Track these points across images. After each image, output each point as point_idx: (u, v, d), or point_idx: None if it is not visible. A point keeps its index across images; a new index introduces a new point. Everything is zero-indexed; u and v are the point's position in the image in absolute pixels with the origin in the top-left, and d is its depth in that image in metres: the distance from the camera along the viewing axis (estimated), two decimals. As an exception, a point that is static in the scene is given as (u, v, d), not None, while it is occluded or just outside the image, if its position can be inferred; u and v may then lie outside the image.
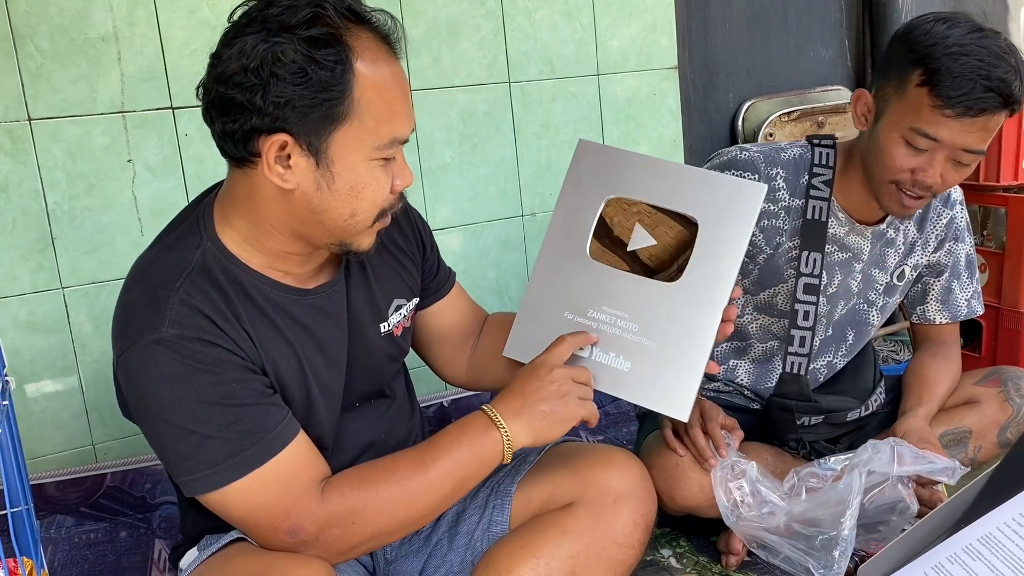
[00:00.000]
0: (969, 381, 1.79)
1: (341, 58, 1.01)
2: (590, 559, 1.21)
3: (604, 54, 2.30)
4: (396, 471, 1.10)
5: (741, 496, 1.51)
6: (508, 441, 1.13)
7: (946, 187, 1.53)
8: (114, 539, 1.78)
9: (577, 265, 1.21)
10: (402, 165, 1.11)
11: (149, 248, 1.16)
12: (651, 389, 1.19)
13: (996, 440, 1.71)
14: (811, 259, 1.65)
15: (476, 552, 1.29)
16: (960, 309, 1.81)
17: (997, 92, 1.41)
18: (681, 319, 1.17)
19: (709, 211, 1.17)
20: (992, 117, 1.44)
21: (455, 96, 2.11)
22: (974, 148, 1.47)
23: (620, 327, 1.19)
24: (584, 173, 1.22)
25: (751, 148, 1.67)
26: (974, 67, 1.41)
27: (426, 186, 2.10)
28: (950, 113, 1.43)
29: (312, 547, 1.08)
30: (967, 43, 1.44)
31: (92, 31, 1.72)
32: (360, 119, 1.03)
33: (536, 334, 1.22)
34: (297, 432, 1.10)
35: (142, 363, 1.04)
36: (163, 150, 1.80)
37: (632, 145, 2.37)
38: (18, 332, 1.72)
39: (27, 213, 1.70)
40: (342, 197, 1.06)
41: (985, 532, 1.33)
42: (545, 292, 1.23)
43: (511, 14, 2.15)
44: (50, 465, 1.78)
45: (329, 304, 1.20)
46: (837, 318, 1.75)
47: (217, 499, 1.06)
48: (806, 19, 2.71)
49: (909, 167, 1.50)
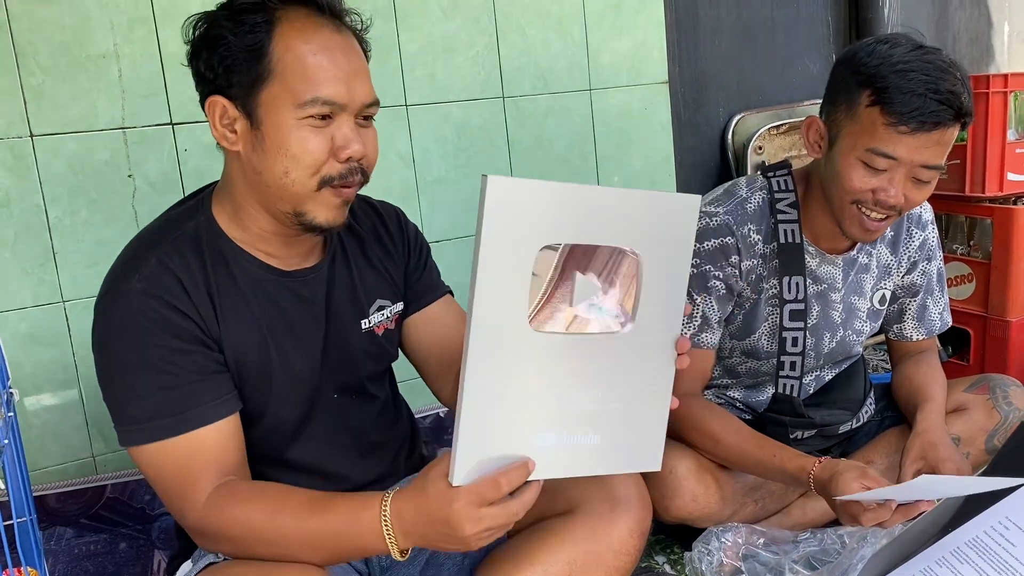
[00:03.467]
0: (958, 388, 1.81)
1: (261, 23, 1.10)
2: (587, 566, 1.23)
3: (596, 69, 2.33)
4: (282, 509, 1.08)
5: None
6: (394, 547, 1.05)
7: (910, 206, 1.53)
8: (114, 550, 1.78)
9: (519, 343, 0.96)
10: (348, 133, 1.13)
11: (153, 220, 1.26)
12: (623, 453, 1.07)
13: (984, 447, 1.73)
14: (793, 283, 1.65)
15: (473, 559, 1.31)
16: (935, 324, 1.84)
17: (948, 104, 1.42)
18: (641, 367, 1.05)
19: (647, 237, 1.01)
20: (947, 130, 1.45)
21: (450, 110, 2.14)
22: (932, 163, 1.47)
23: (583, 399, 1.02)
24: (503, 223, 0.90)
25: (719, 211, 1.64)
26: (922, 81, 1.42)
27: (422, 199, 2.12)
28: (904, 129, 1.43)
29: (197, 536, 1.14)
30: (911, 59, 1.45)
31: (93, 48, 1.74)
32: (282, 78, 1.10)
33: (486, 450, 0.98)
34: (223, 416, 1.14)
35: (106, 308, 1.13)
36: (163, 165, 1.82)
37: (625, 159, 2.40)
38: (19, 345, 1.73)
39: (29, 227, 1.72)
40: (272, 155, 1.12)
41: (973, 536, 1.36)
42: (487, 392, 0.96)
43: (504, 30, 2.18)
44: (51, 477, 1.79)
45: (306, 289, 1.25)
46: (827, 351, 1.75)
47: (134, 455, 1.13)
48: (794, 34, 2.75)
49: (869, 187, 1.49)
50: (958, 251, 2.66)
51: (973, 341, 2.56)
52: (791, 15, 2.73)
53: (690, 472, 1.63)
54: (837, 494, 1.41)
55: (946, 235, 2.78)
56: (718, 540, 1.60)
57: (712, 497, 1.65)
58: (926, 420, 1.65)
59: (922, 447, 1.60)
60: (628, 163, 2.42)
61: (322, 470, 1.28)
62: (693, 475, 1.64)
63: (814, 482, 1.49)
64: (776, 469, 1.56)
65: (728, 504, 1.68)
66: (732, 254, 1.63)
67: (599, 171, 2.38)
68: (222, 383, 1.16)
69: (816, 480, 1.48)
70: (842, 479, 1.42)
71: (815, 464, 1.50)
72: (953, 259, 2.64)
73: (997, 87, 2.46)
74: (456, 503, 0.97)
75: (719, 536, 1.60)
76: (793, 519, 1.77)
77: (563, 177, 2.33)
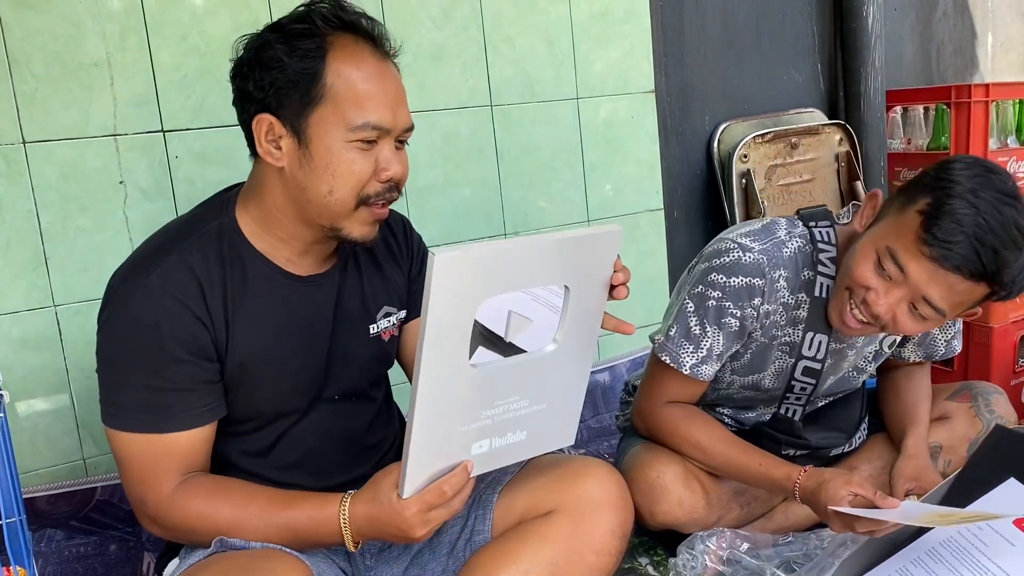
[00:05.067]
0: (941, 396, 1.81)
1: (315, 48, 1.15)
2: (569, 566, 1.24)
3: (583, 78, 2.36)
4: (248, 504, 1.17)
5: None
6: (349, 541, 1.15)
7: (896, 329, 1.44)
8: (104, 552, 1.80)
9: (461, 381, 1.06)
10: (389, 156, 1.20)
11: (180, 216, 1.30)
12: (545, 440, 1.20)
13: (966, 455, 1.72)
14: (816, 341, 1.59)
15: (458, 561, 1.33)
16: (937, 350, 1.78)
17: (980, 259, 1.31)
18: (564, 374, 1.16)
19: (575, 272, 1.10)
20: (964, 281, 1.34)
21: (439, 118, 2.17)
22: (935, 302, 1.38)
23: (513, 409, 1.12)
24: (446, 291, 0.99)
25: (754, 248, 1.56)
26: (974, 223, 1.31)
27: (411, 206, 2.15)
28: (927, 252, 1.34)
29: (149, 523, 1.20)
30: (986, 199, 1.33)
31: (85, 57, 1.76)
32: (334, 102, 1.15)
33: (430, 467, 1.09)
34: (200, 425, 1.19)
35: (119, 295, 1.17)
36: (154, 172, 1.84)
37: (611, 167, 2.43)
38: (11, 349, 1.75)
39: (21, 233, 1.74)
40: (320, 174, 1.17)
41: (947, 536, 1.38)
42: (434, 421, 1.06)
43: (493, 40, 2.21)
44: (41, 479, 1.80)
45: (318, 293, 1.29)
46: (825, 388, 1.74)
47: (109, 434, 1.19)
48: (779, 43, 2.78)
49: (866, 284, 1.42)
50: (941, 258, 2.69)
51: (956, 347, 2.58)
52: (776, 25, 2.76)
53: (677, 477, 1.64)
54: (827, 503, 1.41)
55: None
56: (702, 544, 1.61)
57: (699, 502, 1.65)
58: (917, 447, 1.67)
59: (915, 471, 1.62)
60: (615, 171, 2.44)
61: (309, 468, 1.31)
62: (679, 480, 1.64)
63: (800, 491, 1.50)
64: (762, 477, 1.57)
65: (714, 509, 1.68)
66: (756, 296, 1.55)
67: (586, 179, 2.40)
68: (209, 393, 1.20)
69: (802, 489, 1.49)
70: (830, 487, 1.42)
71: (800, 473, 1.51)
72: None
73: (979, 96, 2.49)
74: (407, 512, 1.08)
75: (703, 540, 1.62)
76: (776, 523, 1.78)
77: (551, 185, 2.36)
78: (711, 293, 1.56)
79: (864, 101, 2.75)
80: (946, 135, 2.60)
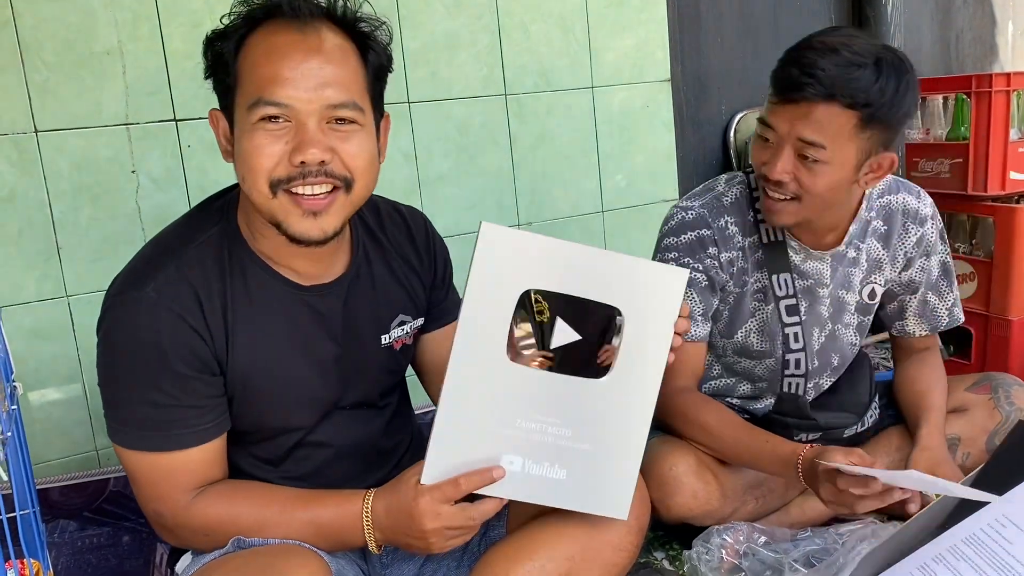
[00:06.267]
0: (960, 387, 1.80)
1: (238, 35, 1.11)
2: (585, 562, 1.22)
3: (598, 67, 2.34)
4: (268, 505, 1.15)
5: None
6: (372, 542, 1.14)
7: (805, 190, 1.49)
8: (116, 543, 1.80)
9: (496, 370, 1.05)
10: (303, 136, 1.09)
11: (179, 218, 1.24)
12: (590, 494, 1.13)
13: (985, 447, 1.72)
14: (782, 280, 1.65)
15: (473, 556, 1.31)
16: (940, 320, 1.80)
17: (811, 77, 1.40)
18: (614, 418, 1.10)
19: (631, 300, 1.07)
20: (816, 106, 1.41)
21: (452, 108, 2.15)
22: (807, 138, 1.44)
23: (552, 434, 1.08)
24: (492, 263, 1.01)
25: (695, 205, 1.66)
26: (800, 56, 1.43)
27: (424, 196, 2.13)
28: (775, 99, 1.46)
29: (167, 534, 1.17)
30: (814, 36, 1.45)
31: (97, 45, 1.75)
32: (241, 84, 1.11)
33: (457, 457, 1.08)
34: (205, 442, 1.15)
35: (115, 308, 1.12)
36: (166, 161, 1.83)
37: (627, 156, 2.41)
38: (24, 340, 1.74)
39: (33, 223, 1.73)
40: (238, 160, 1.13)
41: (969, 533, 1.36)
42: (462, 405, 1.06)
43: (507, 28, 2.19)
44: (54, 471, 1.80)
45: (322, 304, 1.24)
46: (818, 348, 1.74)
47: (116, 450, 1.15)
48: (797, 32, 2.71)
49: (761, 160, 1.51)
50: (960, 250, 2.66)
51: (975, 340, 2.56)
52: (794, 13, 2.74)
53: (690, 470, 1.63)
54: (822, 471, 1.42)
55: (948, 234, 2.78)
56: (719, 538, 1.60)
57: (713, 494, 1.64)
58: (931, 437, 1.66)
59: (929, 463, 1.61)
60: (630, 161, 2.42)
61: (323, 477, 1.28)
62: (693, 473, 1.63)
63: (802, 462, 1.49)
64: (768, 455, 1.56)
65: (729, 501, 1.67)
66: (710, 246, 1.63)
67: (600, 169, 2.38)
68: (214, 408, 1.16)
69: (804, 459, 1.49)
70: (828, 452, 1.43)
71: (806, 448, 1.51)
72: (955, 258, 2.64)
73: (1000, 86, 2.45)
74: (420, 498, 1.06)
75: (720, 534, 1.60)
76: (792, 517, 1.77)
77: (566, 175, 2.34)
78: (668, 256, 1.64)
79: (882, 90, 2.72)
80: (965, 125, 2.56)
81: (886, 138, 1.48)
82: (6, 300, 1.73)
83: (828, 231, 1.64)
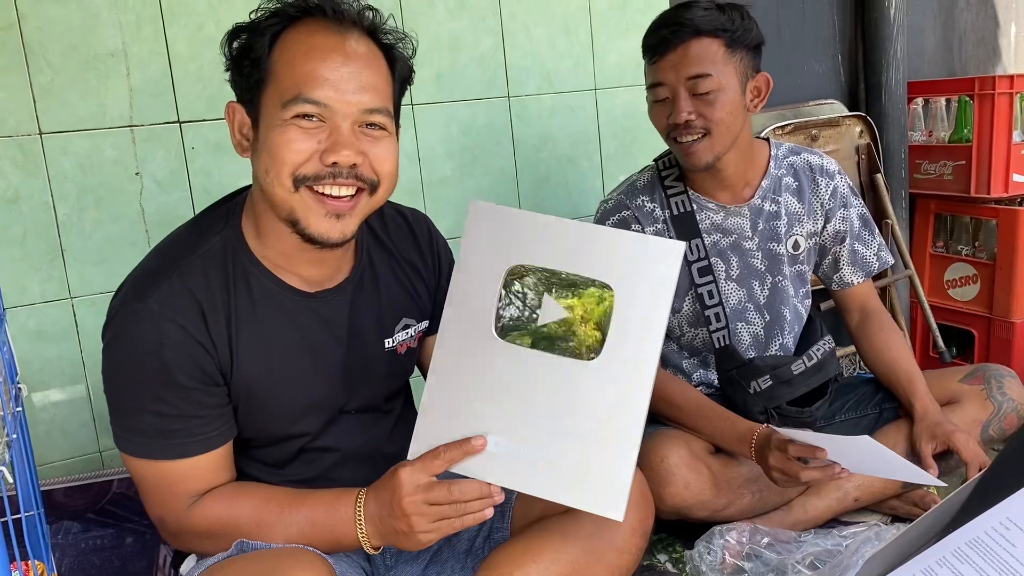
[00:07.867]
0: (954, 378, 1.83)
1: (272, 31, 1.12)
2: (589, 564, 1.22)
3: (601, 69, 2.34)
4: (267, 505, 1.16)
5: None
6: (365, 541, 1.14)
7: (709, 120, 1.64)
8: (120, 545, 1.80)
9: (484, 346, 1.04)
10: (338, 138, 1.10)
11: (184, 224, 1.24)
12: (580, 487, 1.05)
13: (979, 438, 1.74)
14: (693, 246, 1.78)
15: (477, 558, 1.32)
16: (871, 264, 1.90)
17: (682, 25, 1.62)
18: (605, 402, 1.04)
19: (623, 274, 1.03)
20: (690, 43, 1.63)
21: (455, 110, 2.15)
22: (694, 72, 1.63)
23: (540, 415, 1.05)
24: (481, 239, 1.02)
25: (612, 196, 1.84)
26: (663, 19, 1.67)
27: (427, 198, 2.13)
28: (656, 59, 1.66)
29: (172, 539, 1.19)
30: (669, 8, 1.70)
31: (101, 47, 1.75)
32: (275, 79, 1.11)
33: (443, 433, 1.07)
34: (208, 450, 1.16)
35: (119, 319, 1.13)
36: (170, 163, 1.83)
37: (630, 158, 2.41)
38: (27, 341, 1.74)
39: (37, 224, 1.73)
40: (261, 153, 1.13)
41: (973, 536, 1.36)
42: (450, 381, 1.05)
43: (510, 30, 2.19)
44: (58, 472, 1.80)
45: (327, 310, 1.24)
46: (764, 301, 1.83)
47: (122, 456, 1.17)
48: (800, 34, 2.75)
49: (664, 115, 1.68)
50: (963, 252, 2.66)
51: (977, 342, 2.56)
52: (797, 15, 2.73)
53: (682, 460, 1.66)
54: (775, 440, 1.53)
55: (951, 236, 2.78)
56: (721, 538, 1.60)
57: (704, 484, 1.66)
58: (923, 407, 1.72)
59: (929, 429, 1.67)
60: (633, 163, 2.42)
61: (330, 481, 1.28)
62: (685, 464, 1.66)
63: (756, 439, 1.60)
64: (728, 430, 1.68)
65: (722, 493, 1.69)
66: (632, 224, 1.78)
67: (603, 170, 2.38)
68: (218, 418, 1.17)
69: (759, 436, 1.59)
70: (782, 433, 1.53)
71: (762, 427, 1.62)
72: (957, 260, 2.65)
73: (1003, 88, 2.46)
74: (401, 470, 1.07)
75: (722, 535, 1.60)
76: (795, 517, 1.77)
77: (568, 176, 2.34)
78: None
79: (885, 93, 2.72)
80: (968, 127, 2.57)
81: (753, 61, 1.70)
82: (10, 302, 1.73)
83: (743, 185, 1.78)
